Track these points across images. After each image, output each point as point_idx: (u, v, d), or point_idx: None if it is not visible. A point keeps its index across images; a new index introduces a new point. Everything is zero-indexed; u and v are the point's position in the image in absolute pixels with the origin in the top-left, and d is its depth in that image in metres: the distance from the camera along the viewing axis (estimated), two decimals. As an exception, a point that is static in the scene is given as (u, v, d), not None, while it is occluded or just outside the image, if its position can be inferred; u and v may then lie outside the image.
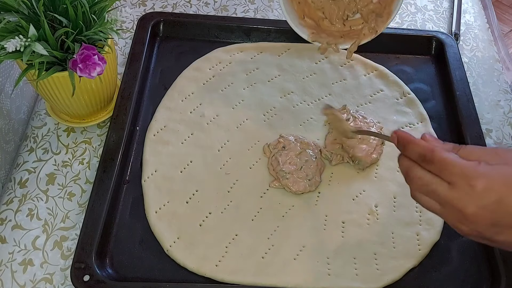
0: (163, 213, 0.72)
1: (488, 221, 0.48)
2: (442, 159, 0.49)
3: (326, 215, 0.73)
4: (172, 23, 0.93)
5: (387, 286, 0.68)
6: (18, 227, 0.71)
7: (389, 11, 0.66)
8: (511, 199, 0.46)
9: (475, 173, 0.47)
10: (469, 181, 0.47)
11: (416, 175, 0.52)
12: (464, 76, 0.89)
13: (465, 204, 0.48)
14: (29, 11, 0.65)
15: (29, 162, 0.78)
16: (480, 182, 0.47)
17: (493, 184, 0.47)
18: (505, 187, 0.47)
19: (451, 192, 0.48)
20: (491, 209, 0.47)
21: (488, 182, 0.47)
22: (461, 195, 0.48)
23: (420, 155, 0.51)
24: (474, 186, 0.47)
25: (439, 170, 0.49)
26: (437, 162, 0.49)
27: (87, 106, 0.76)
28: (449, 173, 0.48)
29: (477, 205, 0.47)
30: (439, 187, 0.49)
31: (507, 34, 2.25)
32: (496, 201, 0.47)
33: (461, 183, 0.48)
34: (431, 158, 0.50)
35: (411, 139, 0.53)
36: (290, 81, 0.89)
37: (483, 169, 0.48)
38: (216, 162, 0.78)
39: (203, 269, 0.67)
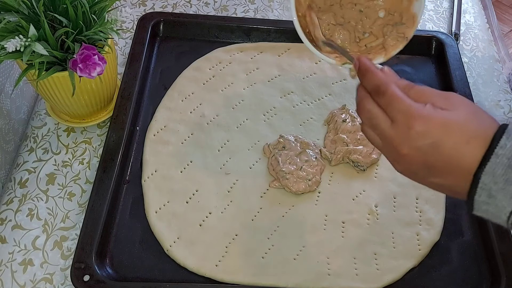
0: (163, 213, 0.72)
1: (421, 163, 0.48)
2: (392, 94, 0.49)
3: (326, 215, 0.73)
4: (172, 23, 0.94)
5: (387, 286, 0.68)
6: (18, 227, 0.71)
7: (411, 15, 0.64)
8: (446, 144, 0.46)
9: (417, 113, 0.47)
10: (409, 121, 0.47)
11: (366, 107, 0.51)
12: (464, 76, 0.89)
13: (401, 143, 0.48)
14: (29, 11, 0.65)
15: (29, 162, 0.78)
16: (418, 123, 0.47)
17: (431, 127, 0.47)
18: (441, 132, 0.47)
19: (391, 130, 0.49)
20: (424, 151, 0.47)
21: (426, 124, 0.47)
22: (398, 133, 0.48)
23: (375, 85, 0.51)
24: (412, 126, 0.47)
25: (387, 104, 0.49)
26: (387, 96, 0.49)
27: (87, 106, 0.76)
28: (394, 109, 0.48)
29: (411, 146, 0.47)
30: (382, 122, 0.50)
31: (507, 34, 2.25)
32: (430, 144, 0.47)
33: (401, 121, 0.48)
34: (384, 91, 0.50)
35: (370, 68, 0.52)
36: (290, 81, 0.89)
37: (425, 111, 0.48)
38: (216, 162, 0.78)
39: (203, 269, 0.67)
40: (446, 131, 0.47)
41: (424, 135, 0.47)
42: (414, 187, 0.77)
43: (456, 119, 0.48)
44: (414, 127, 0.47)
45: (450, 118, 0.48)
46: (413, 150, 0.47)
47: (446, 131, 0.47)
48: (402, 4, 0.64)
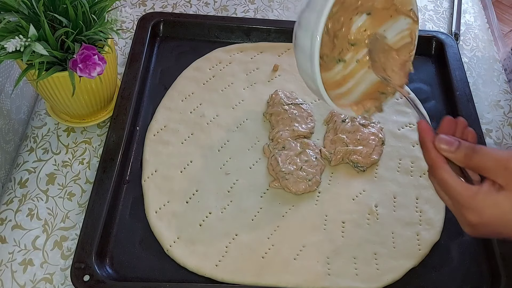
0: (163, 213, 0.72)
1: (488, 235, 0.50)
2: (442, 179, 0.50)
3: (326, 215, 0.73)
4: (172, 23, 0.93)
5: (387, 286, 0.68)
6: (18, 227, 0.71)
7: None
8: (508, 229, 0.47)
9: (468, 205, 0.48)
10: (461, 210, 0.48)
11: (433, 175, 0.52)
12: (464, 76, 0.89)
13: (463, 224, 0.50)
14: (29, 11, 0.65)
15: (29, 162, 0.78)
16: (471, 215, 0.48)
17: (486, 219, 0.47)
18: (499, 223, 0.47)
19: (453, 207, 0.51)
20: (487, 234, 0.50)
21: (480, 218, 0.47)
22: (458, 216, 0.50)
23: (429, 163, 0.52)
24: (466, 217, 0.48)
25: (441, 186, 0.51)
26: (438, 180, 0.50)
27: (87, 106, 0.76)
28: (447, 193, 0.50)
29: (472, 231, 0.49)
30: (446, 200, 0.52)
31: (507, 34, 2.25)
32: (492, 232, 0.49)
33: (456, 207, 0.49)
34: (435, 174, 0.51)
35: (424, 142, 0.52)
36: (290, 81, 0.89)
37: (477, 203, 0.48)
38: (216, 162, 0.78)
39: (203, 269, 0.67)
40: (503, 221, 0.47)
41: (481, 225, 0.48)
42: (414, 187, 0.77)
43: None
44: (468, 218, 0.48)
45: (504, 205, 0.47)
46: (476, 232, 0.49)
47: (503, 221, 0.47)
48: None
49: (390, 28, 0.61)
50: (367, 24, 0.60)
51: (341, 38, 0.60)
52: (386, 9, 0.60)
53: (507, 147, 0.86)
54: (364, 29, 0.60)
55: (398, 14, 0.60)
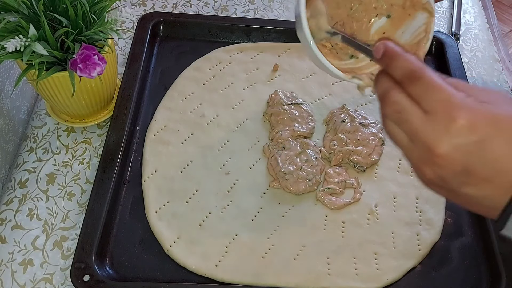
0: (163, 213, 0.72)
1: (459, 165, 0.40)
2: (430, 79, 0.41)
3: (326, 215, 0.73)
4: (172, 23, 0.94)
5: (387, 286, 0.68)
6: (18, 227, 0.71)
7: None
8: (494, 144, 0.39)
9: (462, 103, 0.40)
10: (452, 111, 0.40)
11: (392, 98, 0.44)
12: (464, 76, 0.89)
13: (438, 139, 0.40)
14: (29, 11, 0.65)
15: (29, 162, 0.78)
16: (464, 114, 0.39)
17: (478, 121, 0.39)
18: (490, 128, 0.39)
19: (426, 123, 0.41)
20: (467, 151, 0.40)
21: (473, 116, 0.39)
22: (437, 127, 0.40)
23: (408, 71, 0.43)
24: (456, 118, 0.39)
25: (423, 92, 0.42)
26: (423, 82, 0.42)
27: (87, 106, 0.76)
28: (432, 98, 0.41)
29: (452, 142, 0.40)
30: (413, 116, 0.42)
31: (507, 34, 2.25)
32: (477, 141, 0.39)
33: (441, 112, 0.40)
34: (419, 76, 0.42)
35: (400, 52, 0.44)
36: (290, 81, 0.89)
37: (471, 102, 0.40)
38: (216, 162, 0.78)
39: (203, 269, 0.67)
40: (496, 127, 0.39)
41: (470, 129, 0.39)
42: (414, 187, 0.77)
43: (507, 115, 0.40)
44: (459, 119, 0.39)
45: (500, 112, 0.40)
46: (453, 148, 0.40)
47: (496, 127, 0.39)
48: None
49: (408, 28, 0.60)
50: (386, 26, 0.59)
51: (358, 38, 0.59)
52: (404, 9, 0.59)
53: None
54: (383, 32, 0.59)
55: (415, 11, 0.59)
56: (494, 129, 0.39)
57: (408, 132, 0.43)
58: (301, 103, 0.83)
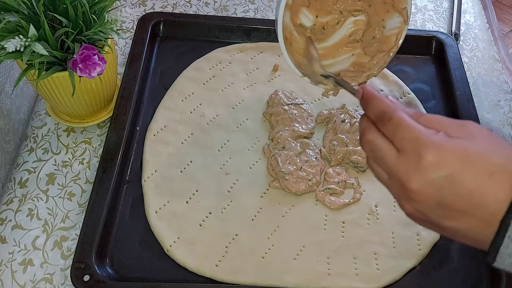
0: (163, 213, 0.72)
1: (433, 200, 0.41)
2: (399, 119, 0.43)
3: (326, 215, 0.73)
4: (172, 23, 0.93)
5: (387, 286, 0.68)
6: (18, 227, 0.71)
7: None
8: (464, 177, 0.40)
9: (428, 141, 0.41)
10: (419, 149, 0.41)
11: (368, 137, 0.46)
12: (464, 76, 0.89)
13: (409, 176, 0.41)
14: (29, 11, 0.65)
15: (29, 162, 0.78)
16: (430, 152, 0.40)
17: (446, 156, 0.40)
18: (458, 162, 0.40)
19: (398, 161, 0.43)
20: (437, 186, 0.40)
21: (440, 153, 0.40)
22: (407, 165, 0.42)
23: (380, 112, 0.45)
24: (423, 155, 0.41)
25: (393, 132, 0.44)
26: (393, 122, 0.44)
27: (87, 106, 0.76)
28: (401, 137, 0.43)
29: (421, 179, 0.41)
30: (387, 154, 0.44)
31: (507, 34, 2.25)
32: (445, 176, 0.40)
33: (410, 150, 0.42)
34: (390, 117, 0.44)
35: (376, 95, 0.47)
36: (290, 81, 0.89)
37: (438, 139, 0.41)
38: (216, 162, 0.78)
39: (203, 269, 0.67)
40: (464, 161, 0.40)
41: (438, 165, 0.40)
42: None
43: (475, 148, 0.41)
44: (426, 156, 0.41)
45: (468, 147, 0.41)
46: (424, 184, 0.41)
47: (464, 161, 0.40)
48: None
49: (386, 23, 0.63)
50: (362, 22, 0.64)
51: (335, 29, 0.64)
52: (385, 3, 0.62)
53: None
54: (359, 25, 0.65)
55: (393, 11, 0.61)
56: (463, 163, 0.40)
57: (384, 169, 0.45)
58: (301, 103, 0.83)
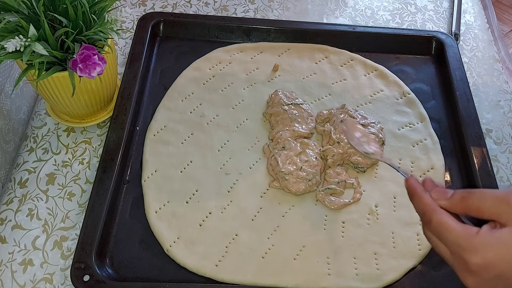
0: (163, 213, 0.72)
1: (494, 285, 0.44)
2: (439, 222, 0.46)
3: (326, 215, 0.73)
4: (172, 23, 0.93)
5: (387, 286, 0.68)
6: (18, 227, 0.71)
7: None
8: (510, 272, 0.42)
9: (469, 247, 0.43)
10: (463, 254, 0.44)
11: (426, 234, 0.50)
12: (464, 76, 0.89)
13: (464, 275, 0.45)
14: (29, 11, 0.65)
15: (29, 162, 0.78)
16: (474, 258, 0.43)
17: (491, 259, 0.42)
18: (505, 262, 0.42)
19: (453, 259, 0.46)
20: (491, 284, 0.43)
21: (484, 258, 0.43)
22: (459, 265, 0.45)
23: (421, 212, 0.48)
24: (468, 261, 0.43)
25: (438, 234, 0.46)
26: (434, 225, 0.46)
27: (87, 106, 0.76)
28: (445, 240, 0.46)
29: (475, 280, 0.44)
30: (443, 252, 0.47)
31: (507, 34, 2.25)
32: (496, 276, 0.43)
33: (457, 253, 0.45)
34: (429, 220, 0.47)
35: (416, 192, 0.50)
36: (290, 81, 0.89)
37: (478, 241, 0.43)
38: (216, 162, 0.78)
39: (203, 269, 0.67)
40: (509, 260, 0.42)
41: (485, 268, 0.42)
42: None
43: None
44: (471, 261, 0.43)
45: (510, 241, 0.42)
46: (477, 283, 0.44)
47: (509, 260, 0.42)
48: None
49: None
50: None
51: None
52: None
53: (507, 147, 0.86)
54: None
55: None
56: (507, 262, 0.42)
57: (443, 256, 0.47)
58: (301, 103, 0.83)
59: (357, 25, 1.00)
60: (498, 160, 0.84)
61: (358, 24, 1.02)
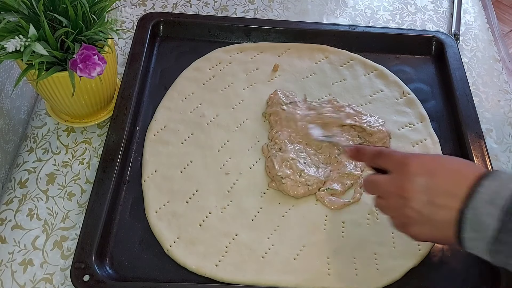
0: (163, 213, 0.72)
1: (425, 197, 0.53)
2: (387, 151, 0.60)
3: (326, 215, 0.73)
4: (172, 23, 0.94)
5: (387, 286, 0.68)
6: (18, 227, 0.71)
7: None
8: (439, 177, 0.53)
9: (411, 155, 0.57)
10: (406, 161, 0.56)
11: (366, 180, 0.61)
12: (464, 76, 0.89)
13: (403, 183, 0.55)
14: (29, 11, 0.65)
15: (29, 162, 0.78)
16: (413, 160, 0.55)
17: (425, 162, 0.55)
18: (435, 162, 0.55)
19: (390, 178, 0.57)
20: (425, 184, 0.53)
21: (421, 161, 0.55)
22: (399, 177, 0.56)
23: (375, 153, 0.61)
24: (409, 164, 0.55)
25: (386, 160, 0.59)
26: (384, 154, 0.60)
27: (87, 106, 0.76)
28: (392, 161, 0.58)
29: (413, 182, 0.54)
30: (381, 179, 0.58)
31: (507, 34, 2.25)
32: (429, 175, 0.54)
33: (399, 167, 0.56)
34: (380, 152, 0.60)
35: (364, 147, 0.64)
36: (290, 81, 0.89)
37: (417, 154, 0.60)
38: (216, 162, 0.78)
39: (203, 269, 0.67)
40: (439, 162, 0.56)
41: (420, 166, 0.54)
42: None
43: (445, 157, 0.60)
44: (411, 165, 0.55)
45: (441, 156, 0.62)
46: (414, 183, 0.54)
47: (439, 162, 0.56)
48: None
49: None
50: None
51: None
52: None
53: (507, 146, 0.86)
54: None
55: None
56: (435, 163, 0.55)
57: (382, 192, 0.59)
58: (299, 101, 0.83)
59: (357, 25, 1.00)
60: (498, 159, 0.84)
61: (358, 24, 1.02)
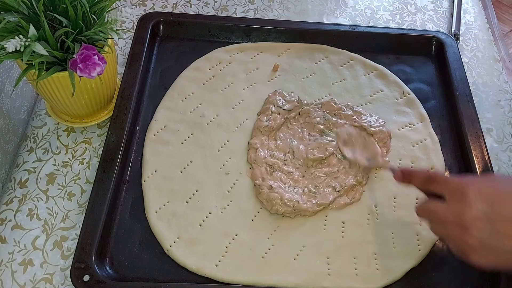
0: (163, 213, 0.72)
1: (487, 225, 0.52)
2: (441, 177, 0.59)
3: (326, 215, 0.73)
4: (172, 23, 0.93)
5: (387, 286, 0.68)
6: (18, 227, 0.71)
7: None
8: (500, 204, 0.52)
9: (468, 181, 0.55)
10: (463, 190, 0.54)
11: (421, 207, 0.61)
12: (464, 76, 0.89)
13: (462, 211, 0.53)
14: (29, 11, 0.65)
15: (29, 162, 0.78)
16: (471, 188, 0.54)
17: (483, 188, 0.54)
18: (491, 189, 0.54)
19: (448, 206, 0.56)
20: (486, 211, 0.52)
21: (478, 187, 0.54)
22: (457, 205, 0.54)
23: (427, 177, 0.60)
24: (467, 192, 0.53)
25: (440, 187, 0.58)
26: (438, 180, 0.59)
27: (87, 106, 0.76)
28: (447, 188, 0.57)
29: (472, 209, 0.53)
30: (437, 207, 0.57)
31: (507, 34, 2.25)
32: (489, 202, 0.52)
33: (456, 194, 0.55)
34: (434, 178, 0.59)
35: (414, 170, 0.64)
36: (290, 81, 0.89)
37: (473, 179, 0.57)
38: (216, 162, 0.78)
39: (203, 269, 0.67)
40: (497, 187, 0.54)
41: (480, 195, 0.53)
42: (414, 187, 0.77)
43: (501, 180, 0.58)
44: (469, 193, 0.53)
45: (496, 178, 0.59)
46: (475, 212, 0.52)
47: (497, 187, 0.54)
48: None
49: None
50: None
51: None
52: None
53: (507, 146, 0.86)
54: None
55: None
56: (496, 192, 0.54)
57: (439, 219, 0.57)
58: (289, 110, 0.83)
59: (357, 25, 1.00)
60: (499, 158, 0.84)
61: (358, 24, 1.02)
